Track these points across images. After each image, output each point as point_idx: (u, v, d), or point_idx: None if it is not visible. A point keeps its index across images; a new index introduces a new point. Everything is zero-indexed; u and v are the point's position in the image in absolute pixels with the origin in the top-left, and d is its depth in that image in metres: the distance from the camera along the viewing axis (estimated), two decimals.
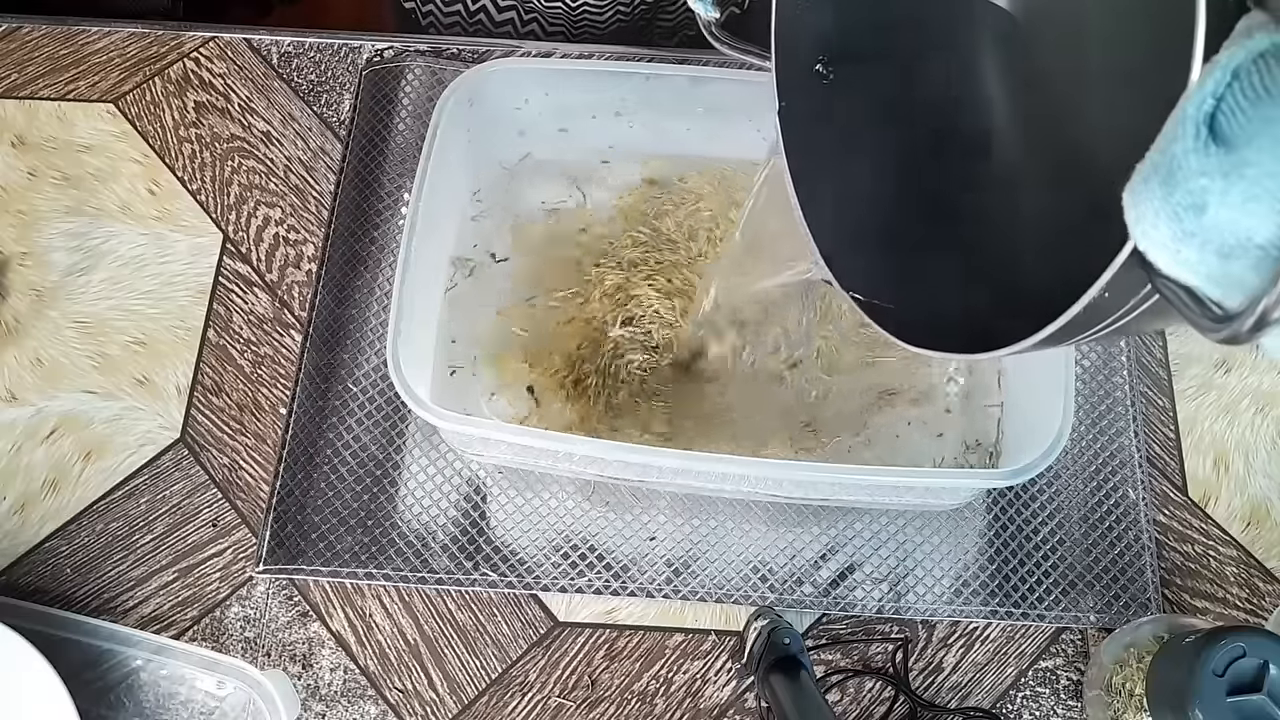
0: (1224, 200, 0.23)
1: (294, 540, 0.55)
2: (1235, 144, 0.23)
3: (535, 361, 0.59)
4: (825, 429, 0.58)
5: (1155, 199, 0.24)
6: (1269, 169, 0.23)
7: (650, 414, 0.58)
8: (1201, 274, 0.25)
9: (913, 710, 0.53)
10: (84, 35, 0.69)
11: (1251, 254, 0.24)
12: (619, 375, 0.59)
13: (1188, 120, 0.23)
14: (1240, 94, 0.23)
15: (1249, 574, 0.57)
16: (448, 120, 0.55)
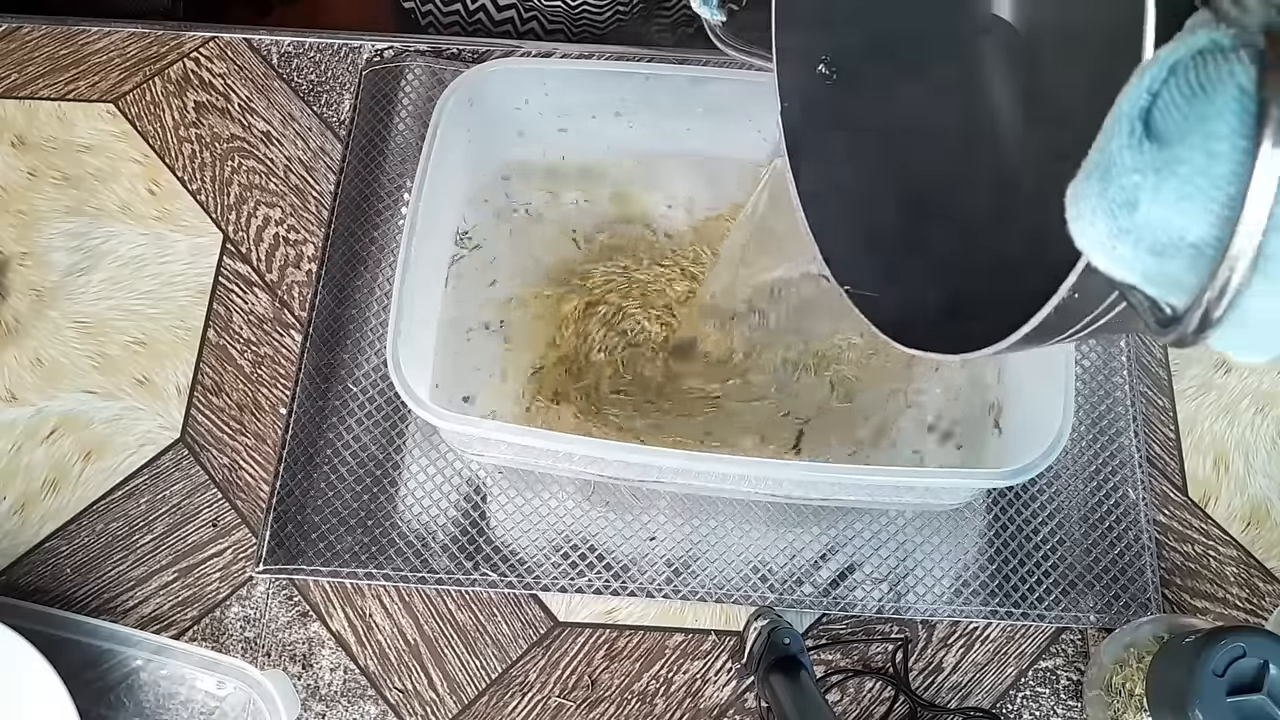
0: (1156, 197, 0.23)
1: (294, 540, 0.55)
2: (1168, 140, 0.23)
3: (534, 359, 0.59)
4: (821, 427, 0.58)
5: (1092, 195, 0.24)
6: (1200, 166, 0.23)
7: (646, 409, 0.58)
8: (1138, 272, 0.24)
9: (913, 710, 0.53)
10: (84, 35, 0.69)
11: (1185, 253, 0.24)
12: (617, 371, 0.59)
13: (1123, 116, 0.23)
14: (1176, 90, 0.23)
15: (1249, 574, 0.57)
16: (448, 120, 0.55)
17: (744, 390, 0.58)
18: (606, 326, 0.60)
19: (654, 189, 0.64)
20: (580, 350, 0.59)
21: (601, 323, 0.60)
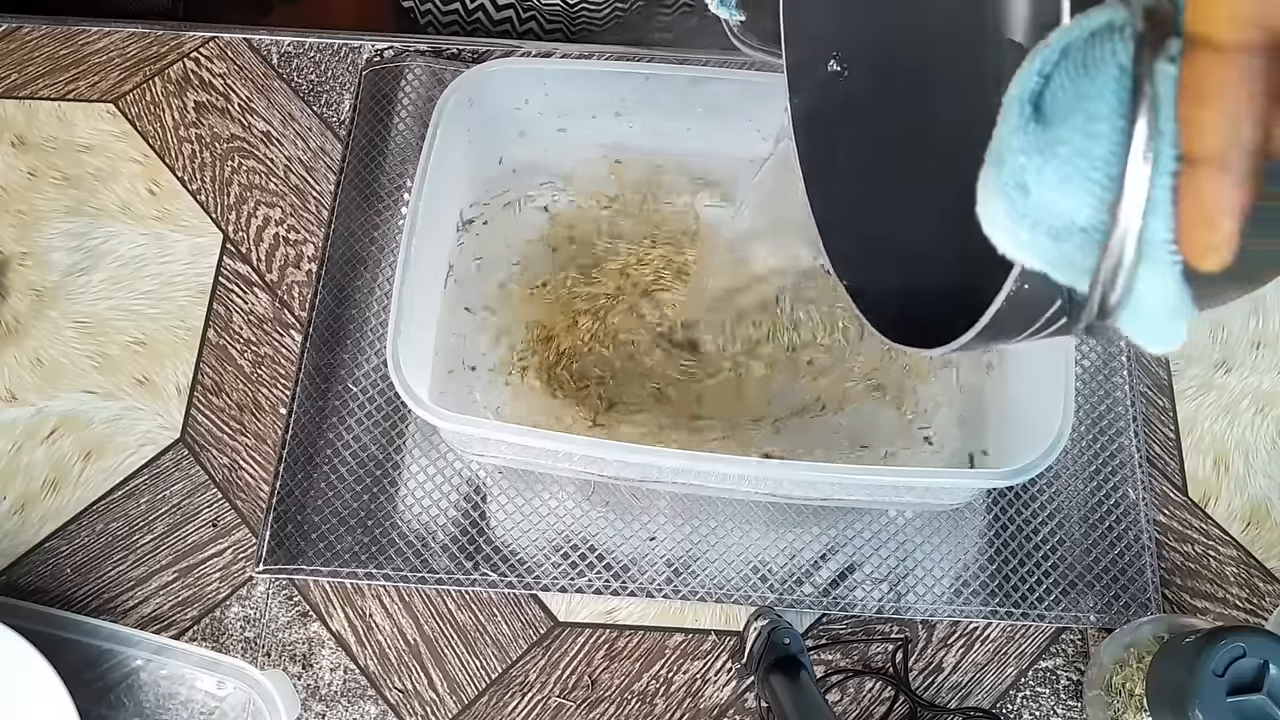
0: (1041, 179, 0.23)
1: (294, 540, 0.55)
2: (1052, 122, 0.23)
3: (536, 358, 0.59)
4: (816, 425, 0.58)
5: (990, 180, 0.24)
6: (1079, 147, 0.22)
7: (644, 404, 0.58)
8: (1042, 258, 0.24)
9: (913, 710, 0.53)
10: (84, 35, 0.69)
11: (1077, 237, 0.23)
12: (619, 369, 0.59)
13: (1013, 99, 0.23)
14: (1066, 72, 0.22)
15: (1249, 574, 0.57)
16: (448, 120, 0.55)
17: (735, 385, 0.58)
18: (608, 325, 0.60)
19: (654, 189, 0.64)
20: (583, 348, 0.59)
21: (603, 321, 0.60)
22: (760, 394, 0.59)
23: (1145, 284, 0.23)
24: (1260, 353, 0.62)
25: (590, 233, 0.62)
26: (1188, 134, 0.21)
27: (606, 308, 0.60)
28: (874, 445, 0.58)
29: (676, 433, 0.57)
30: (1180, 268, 0.23)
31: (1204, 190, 0.22)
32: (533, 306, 0.61)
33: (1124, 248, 0.22)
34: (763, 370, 0.59)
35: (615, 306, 0.60)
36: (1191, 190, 0.22)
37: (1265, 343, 0.62)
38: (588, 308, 0.60)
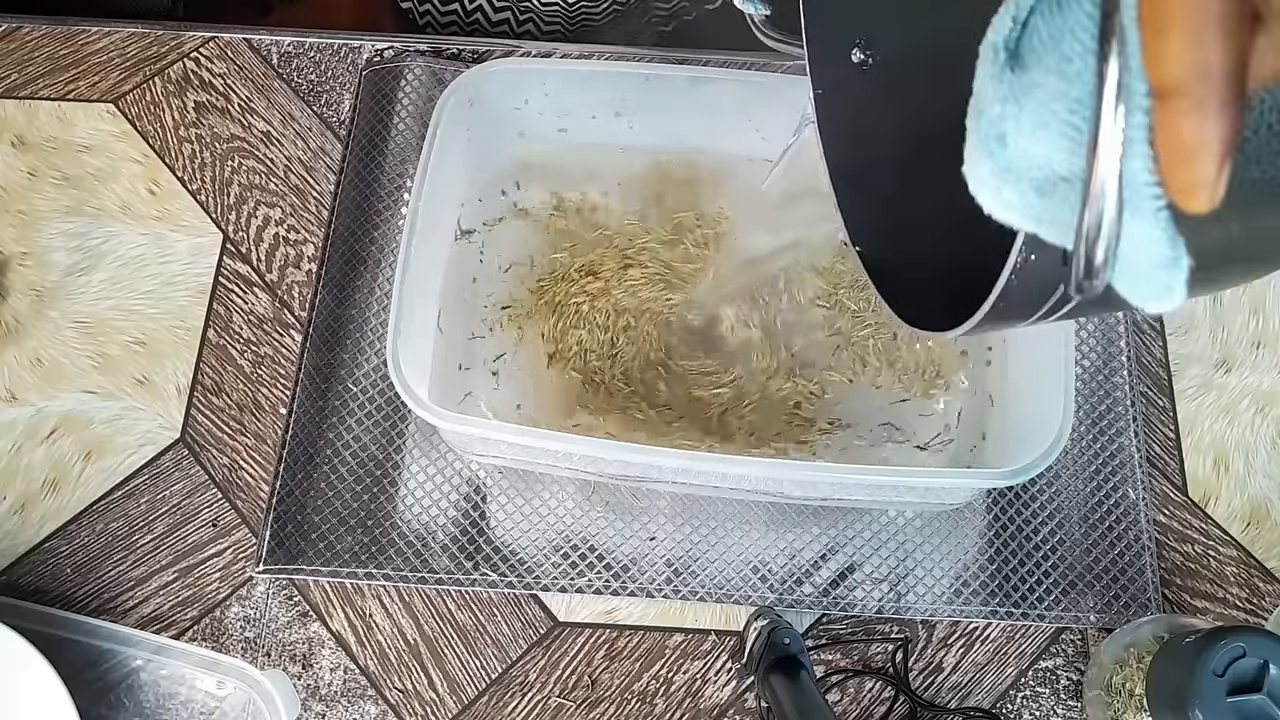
0: (1019, 128, 0.22)
1: (294, 540, 0.55)
2: (1028, 66, 0.21)
3: (536, 358, 0.59)
4: (817, 426, 0.58)
5: (972, 135, 0.22)
6: (1054, 90, 0.21)
7: (655, 404, 0.58)
8: (1030, 216, 0.23)
9: (913, 710, 0.53)
10: (84, 35, 0.69)
11: (1060, 188, 0.22)
12: (623, 368, 0.59)
13: (988, 45, 0.22)
14: (1041, 14, 0.21)
15: (1249, 574, 0.57)
16: (448, 120, 0.55)
17: (747, 385, 0.58)
18: (609, 325, 0.60)
19: (654, 188, 0.64)
20: (584, 348, 0.59)
21: (604, 320, 0.60)
22: (774, 404, 0.58)
23: (1132, 232, 0.22)
24: (1260, 353, 0.62)
25: (590, 232, 0.62)
26: (1152, 66, 0.20)
27: (607, 307, 0.60)
28: (875, 444, 0.58)
29: (685, 435, 0.57)
30: (1166, 211, 0.22)
31: (1176, 124, 0.20)
32: (534, 307, 0.60)
33: (1104, 192, 0.21)
34: (768, 372, 0.59)
35: (615, 306, 0.60)
36: (1164, 125, 0.21)
37: (1265, 343, 0.62)
38: (588, 307, 0.60)
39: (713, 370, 0.59)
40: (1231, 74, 0.20)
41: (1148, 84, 0.20)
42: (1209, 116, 0.20)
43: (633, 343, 0.59)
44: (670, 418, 0.58)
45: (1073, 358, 0.50)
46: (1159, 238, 0.22)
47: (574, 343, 0.59)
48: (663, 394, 0.58)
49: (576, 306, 0.60)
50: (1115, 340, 0.61)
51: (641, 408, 0.58)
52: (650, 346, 0.59)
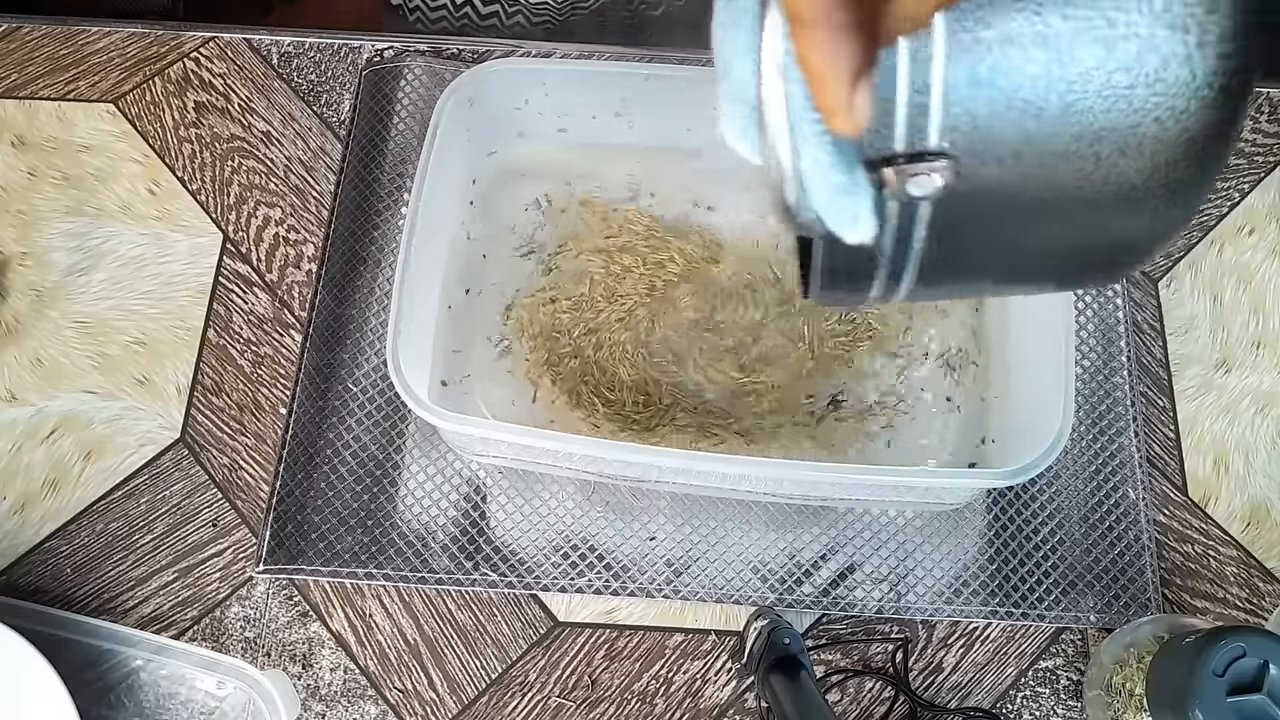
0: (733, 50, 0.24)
1: (294, 540, 0.55)
2: None
3: (536, 358, 0.59)
4: (819, 427, 0.58)
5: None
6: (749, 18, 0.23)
7: (654, 405, 0.58)
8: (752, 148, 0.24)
9: (913, 710, 0.53)
10: (84, 35, 0.69)
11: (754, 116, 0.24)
12: (622, 368, 0.59)
13: None
14: None
15: (1249, 574, 0.57)
16: (448, 120, 0.55)
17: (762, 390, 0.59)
18: (609, 323, 0.60)
19: (654, 188, 0.64)
20: (585, 347, 0.59)
21: (604, 319, 0.60)
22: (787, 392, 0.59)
23: (808, 156, 0.23)
24: (1260, 353, 0.62)
25: (591, 233, 0.62)
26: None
27: (607, 306, 0.60)
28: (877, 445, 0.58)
29: (678, 434, 0.57)
30: (827, 135, 0.23)
31: (806, 51, 0.22)
32: (533, 305, 0.60)
33: (769, 115, 0.22)
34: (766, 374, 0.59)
35: (616, 305, 0.60)
36: (802, 52, 0.22)
37: (1265, 343, 0.62)
38: (588, 306, 0.60)
39: (714, 366, 0.59)
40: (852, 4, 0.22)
41: (783, 13, 0.22)
42: (836, 44, 0.21)
43: (633, 338, 0.59)
44: (669, 418, 0.58)
45: (1073, 358, 0.50)
46: (830, 162, 0.23)
47: (573, 342, 0.59)
48: (662, 391, 0.58)
49: (577, 305, 0.60)
50: (1115, 340, 0.61)
51: (641, 406, 0.58)
52: (654, 347, 0.59)
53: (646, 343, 0.59)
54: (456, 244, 0.61)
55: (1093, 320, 0.61)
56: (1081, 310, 0.62)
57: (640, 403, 0.58)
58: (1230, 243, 0.65)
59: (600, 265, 0.61)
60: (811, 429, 0.58)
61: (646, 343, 0.59)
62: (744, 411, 0.58)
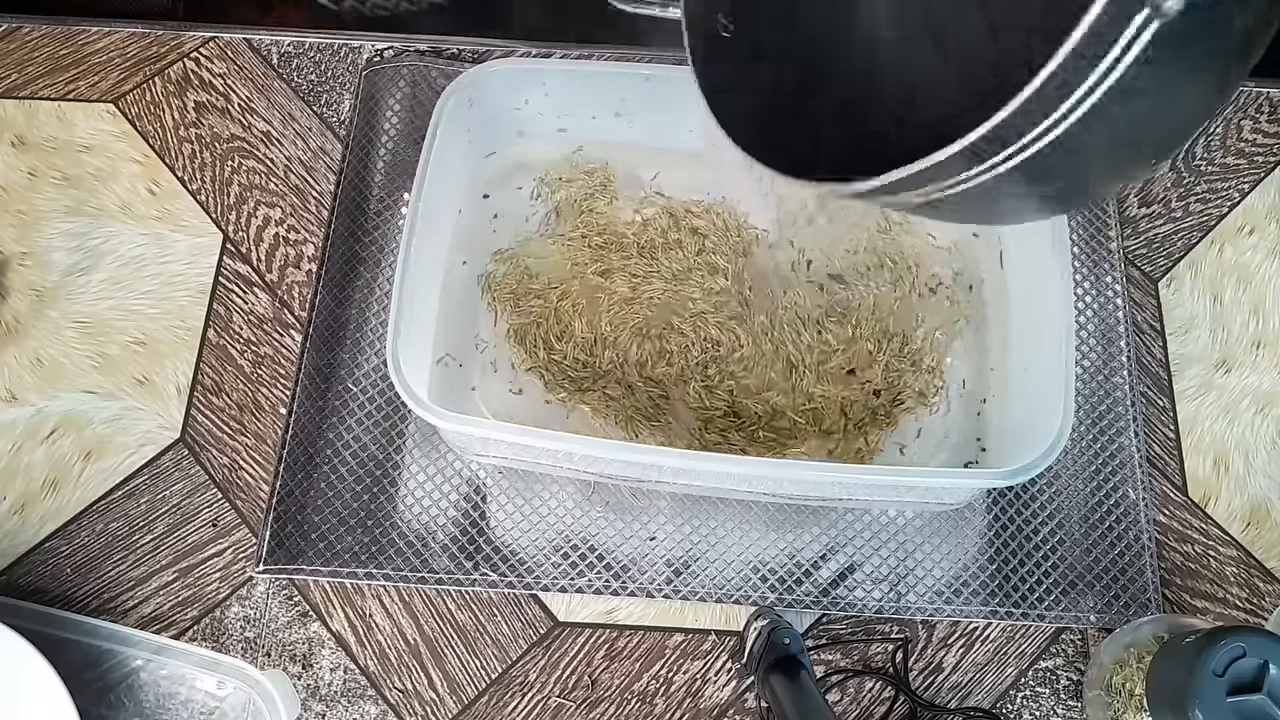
0: None
1: (294, 540, 0.55)
2: None
3: (536, 358, 0.59)
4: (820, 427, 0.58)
5: None
6: None
7: (660, 402, 0.58)
8: None
9: (913, 710, 0.53)
10: (84, 35, 0.69)
11: None
12: (620, 365, 0.59)
13: None
14: None
15: (1249, 574, 0.57)
16: (448, 120, 0.55)
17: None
18: (610, 322, 0.60)
19: (654, 188, 0.64)
20: (584, 346, 0.59)
21: (605, 318, 0.60)
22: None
23: None
24: (1260, 353, 0.62)
25: (591, 233, 0.62)
26: None
27: (607, 305, 0.60)
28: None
29: (679, 437, 0.57)
30: None
31: None
32: (532, 305, 0.60)
33: None
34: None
35: (617, 303, 0.60)
36: None
37: (1265, 343, 0.62)
38: (588, 305, 0.60)
39: (716, 363, 0.59)
40: None
41: None
42: None
43: (632, 335, 0.59)
44: (599, 386, 0.58)
45: (1073, 358, 0.50)
46: None
47: (572, 340, 0.59)
48: (604, 359, 0.59)
49: (576, 305, 0.60)
50: (1115, 340, 0.61)
51: (580, 365, 0.58)
52: (656, 345, 0.59)
53: (656, 340, 0.59)
54: (456, 244, 0.61)
55: (1093, 320, 0.61)
56: (1081, 310, 0.62)
57: (581, 361, 0.58)
58: (1230, 243, 0.65)
59: (600, 265, 0.61)
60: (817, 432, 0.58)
61: (656, 340, 0.59)
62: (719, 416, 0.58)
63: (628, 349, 0.59)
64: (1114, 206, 0.65)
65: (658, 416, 0.58)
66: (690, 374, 0.58)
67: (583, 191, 0.63)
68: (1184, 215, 0.66)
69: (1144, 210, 0.66)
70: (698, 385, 0.58)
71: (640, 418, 0.57)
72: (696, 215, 0.62)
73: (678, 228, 0.62)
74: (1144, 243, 0.65)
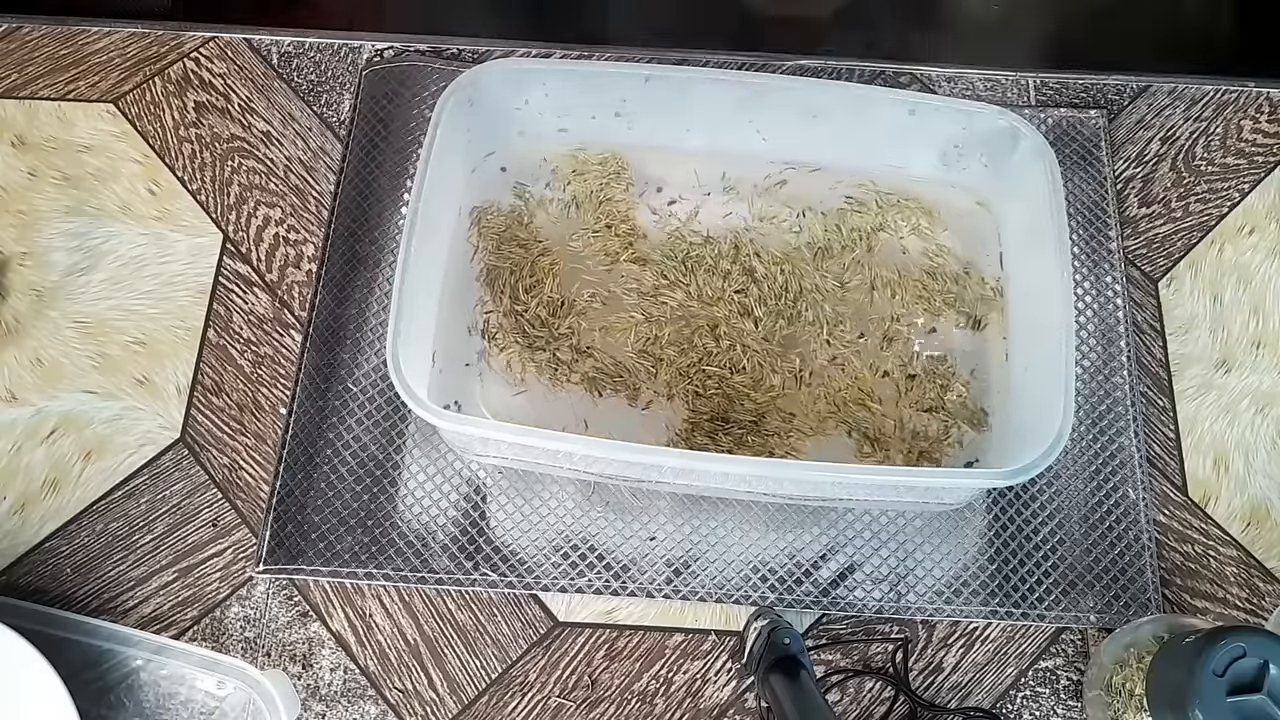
0: None
1: (294, 540, 0.55)
2: None
3: (536, 358, 0.59)
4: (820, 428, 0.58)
5: None
6: None
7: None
8: None
9: (913, 710, 0.53)
10: (84, 35, 0.69)
11: None
12: (620, 362, 0.59)
13: None
14: None
15: (1249, 574, 0.57)
16: (448, 120, 0.55)
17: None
18: (610, 321, 0.60)
19: (654, 189, 0.64)
20: (550, 306, 0.59)
21: (604, 317, 0.60)
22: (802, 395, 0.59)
23: None
24: (1260, 353, 0.62)
25: (590, 233, 0.62)
26: None
27: (605, 305, 0.60)
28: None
29: (691, 435, 0.57)
30: None
31: None
32: (513, 251, 0.60)
33: None
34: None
35: (616, 304, 0.60)
36: None
37: (1265, 343, 0.62)
38: (589, 304, 0.60)
39: (714, 360, 0.59)
40: None
41: None
42: None
43: (645, 336, 0.59)
44: (548, 345, 0.59)
45: (1073, 358, 0.50)
46: None
47: (540, 298, 0.59)
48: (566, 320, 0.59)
49: (553, 263, 0.60)
50: (1115, 340, 0.61)
51: (539, 322, 0.59)
52: (657, 343, 0.59)
53: (656, 338, 0.59)
54: (456, 243, 0.61)
55: (1093, 320, 0.61)
56: (1081, 310, 0.62)
57: (540, 319, 0.59)
58: (1230, 243, 0.65)
59: (599, 265, 0.61)
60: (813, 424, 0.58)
61: (656, 338, 0.59)
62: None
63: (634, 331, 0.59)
64: (1114, 206, 0.65)
65: (621, 374, 0.58)
66: (689, 372, 0.58)
67: (598, 181, 0.63)
68: (1184, 215, 0.66)
69: (1144, 210, 0.66)
70: (689, 384, 0.58)
71: (604, 377, 0.58)
72: (759, 259, 0.61)
73: (735, 258, 0.61)
74: (1144, 243, 0.65)
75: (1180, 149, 0.67)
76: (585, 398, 0.58)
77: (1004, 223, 0.62)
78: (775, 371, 0.58)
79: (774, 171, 0.63)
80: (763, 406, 0.57)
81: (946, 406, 0.58)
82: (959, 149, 0.61)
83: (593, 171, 0.63)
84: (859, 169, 0.63)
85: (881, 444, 0.57)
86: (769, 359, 0.59)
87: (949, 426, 0.57)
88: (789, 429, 0.57)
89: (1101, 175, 0.66)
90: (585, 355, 0.58)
